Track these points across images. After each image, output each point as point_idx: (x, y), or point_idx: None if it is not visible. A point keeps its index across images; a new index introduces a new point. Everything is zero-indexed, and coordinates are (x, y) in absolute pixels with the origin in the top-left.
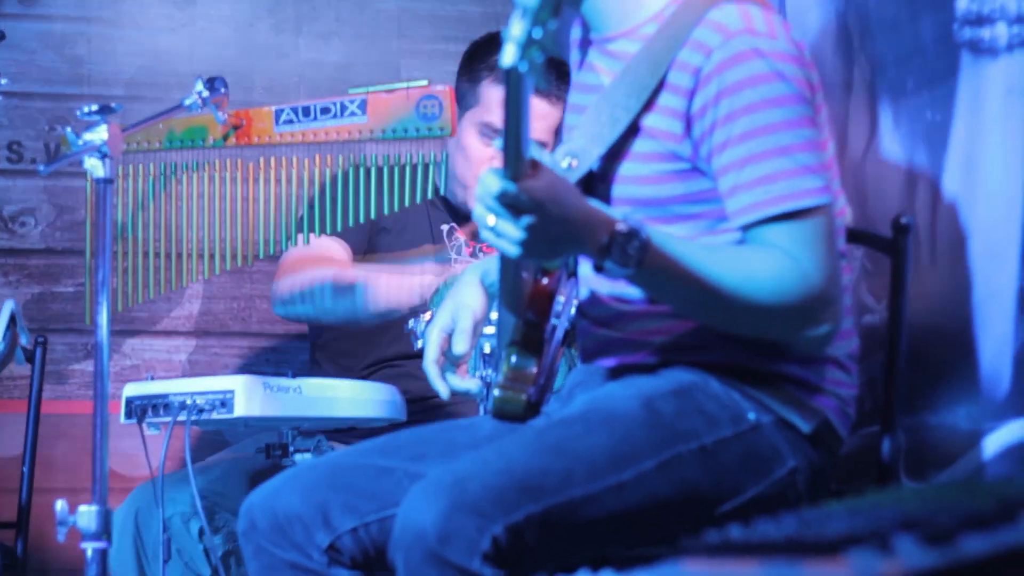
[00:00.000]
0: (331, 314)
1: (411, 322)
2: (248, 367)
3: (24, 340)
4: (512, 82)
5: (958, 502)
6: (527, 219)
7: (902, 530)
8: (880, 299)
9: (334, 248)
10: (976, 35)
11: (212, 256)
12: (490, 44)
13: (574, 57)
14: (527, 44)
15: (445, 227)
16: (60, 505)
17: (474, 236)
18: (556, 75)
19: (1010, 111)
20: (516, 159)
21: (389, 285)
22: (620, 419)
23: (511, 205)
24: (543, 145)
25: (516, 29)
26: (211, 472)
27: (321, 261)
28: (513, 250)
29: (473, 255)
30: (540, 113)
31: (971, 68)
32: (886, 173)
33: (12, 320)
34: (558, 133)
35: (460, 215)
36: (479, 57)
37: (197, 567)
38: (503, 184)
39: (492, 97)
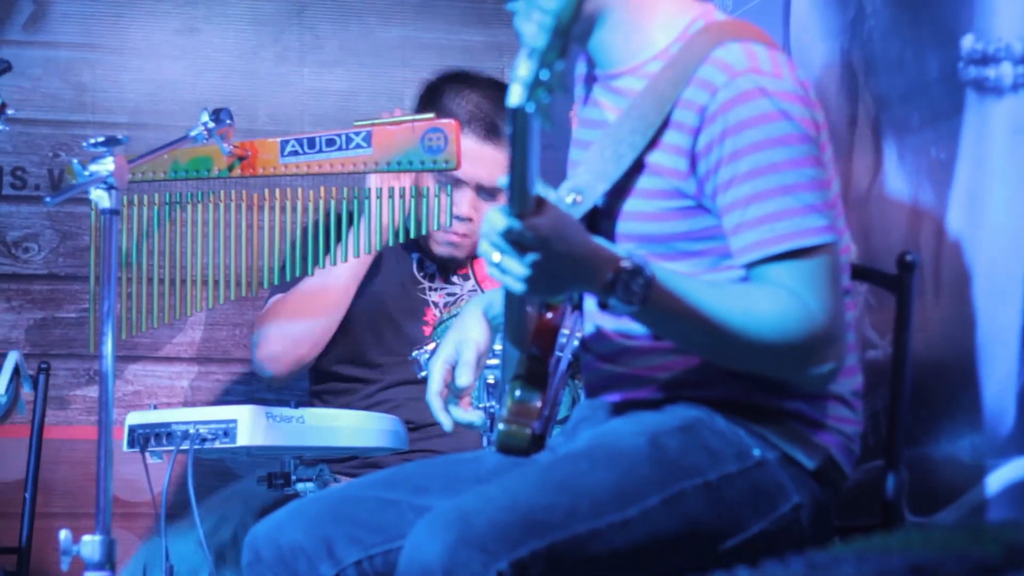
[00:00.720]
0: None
1: (415, 352)
2: (250, 393)
3: (27, 389)
4: (519, 122)
5: (966, 548)
6: (532, 256)
7: None
8: (884, 335)
9: None
10: (981, 74)
11: (216, 284)
12: (442, 86)
13: (578, 92)
14: (534, 85)
15: (415, 256)
16: (64, 535)
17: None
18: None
19: (1014, 149)
20: (522, 196)
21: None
22: (625, 455)
23: (516, 242)
24: (492, 192)
25: (523, 70)
26: (217, 512)
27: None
28: (518, 287)
29: (447, 282)
30: (496, 159)
31: (976, 106)
32: (890, 209)
33: (16, 371)
34: None
35: (426, 250)
36: (433, 102)
37: None
38: (508, 221)
39: None
